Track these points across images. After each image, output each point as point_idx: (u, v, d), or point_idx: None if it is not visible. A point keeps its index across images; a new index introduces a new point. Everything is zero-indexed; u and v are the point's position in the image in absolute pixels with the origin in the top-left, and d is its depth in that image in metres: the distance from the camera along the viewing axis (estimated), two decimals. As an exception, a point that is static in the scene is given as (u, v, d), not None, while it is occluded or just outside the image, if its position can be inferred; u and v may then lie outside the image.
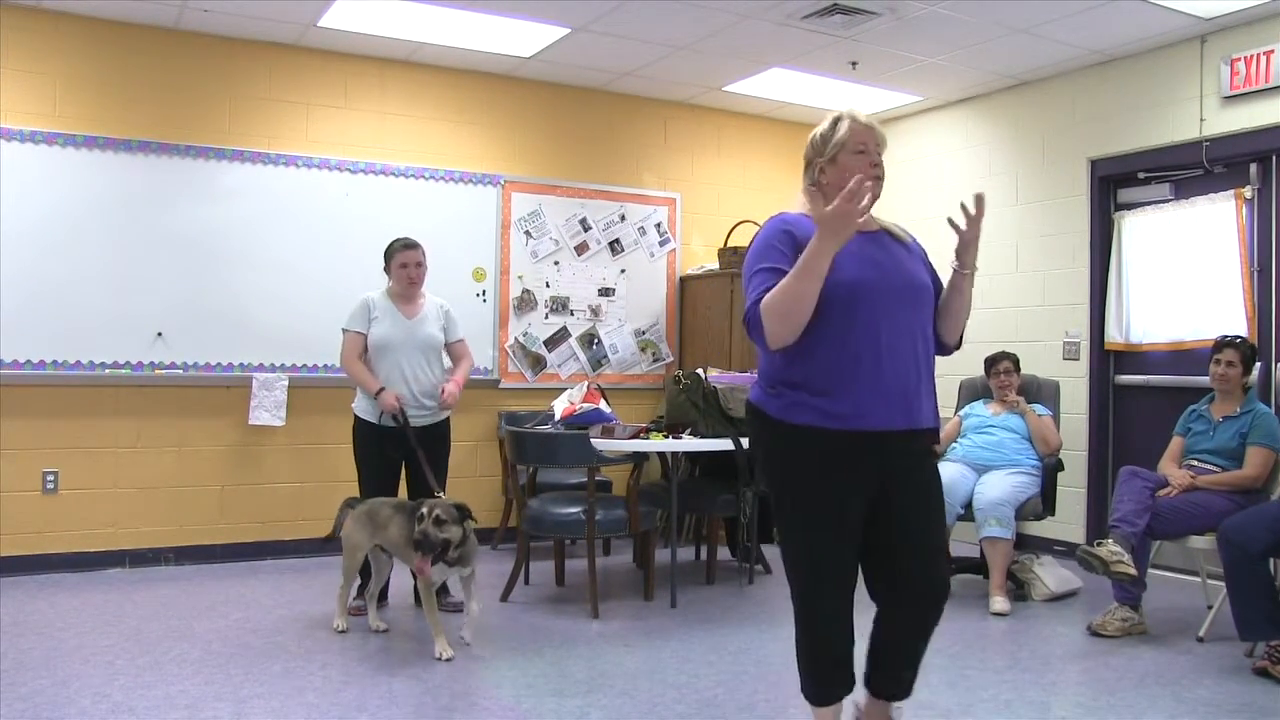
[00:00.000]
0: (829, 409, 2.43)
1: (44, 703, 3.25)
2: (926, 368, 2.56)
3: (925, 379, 2.55)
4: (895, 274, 2.55)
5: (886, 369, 2.44)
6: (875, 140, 2.60)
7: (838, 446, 2.44)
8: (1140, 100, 5.62)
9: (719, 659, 3.90)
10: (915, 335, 2.52)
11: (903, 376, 2.46)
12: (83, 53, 5.28)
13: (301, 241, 5.72)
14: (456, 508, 3.86)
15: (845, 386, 2.42)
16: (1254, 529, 3.83)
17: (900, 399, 2.45)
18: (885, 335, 2.45)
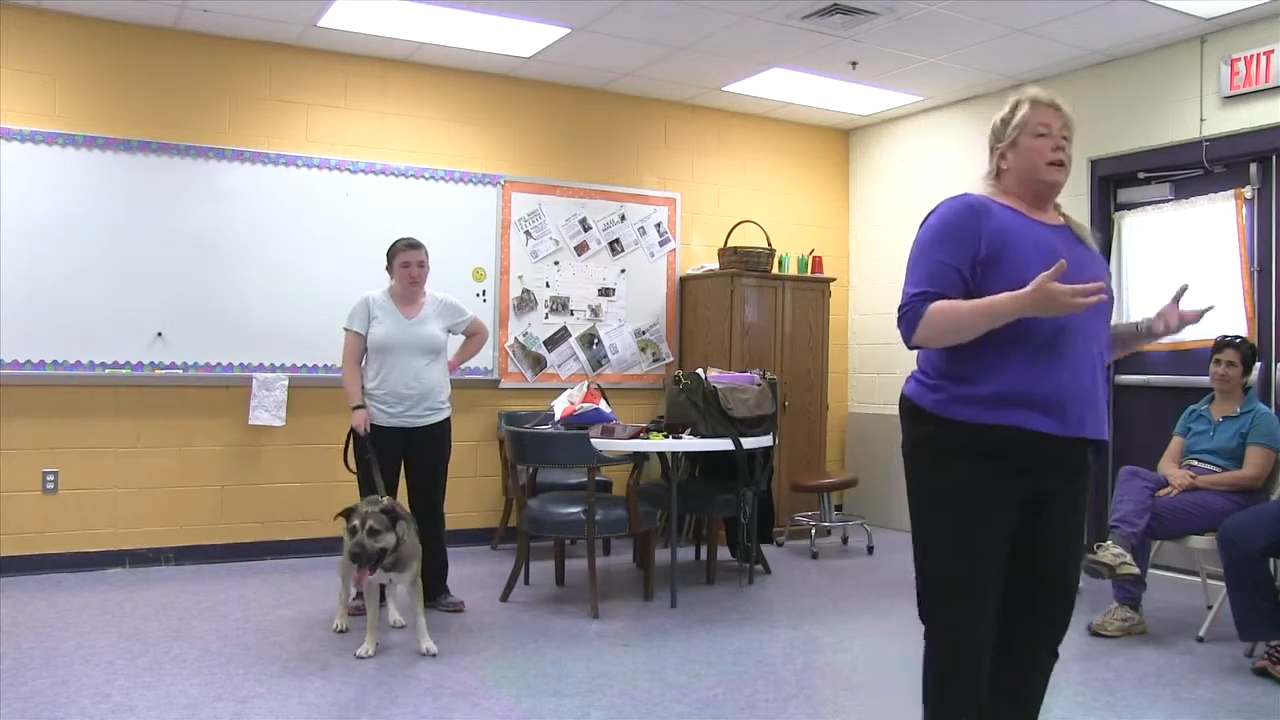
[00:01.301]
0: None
1: (44, 702, 3.25)
2: (1100, 380, 2.37)
3: (1100, 390, 2.36)
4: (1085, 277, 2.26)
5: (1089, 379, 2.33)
6: (1061, 121, 2.43)
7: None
8: (1140, 100, 5.62)
9: (719, 659, 3.90)
10: (1100, 346, 2.41)
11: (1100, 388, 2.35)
12: (83, 53, 5.28)
13: (301, 241, 5.72)
14: (385, 512, 3.79)
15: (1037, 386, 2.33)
16: (1254, 529, 3.83)
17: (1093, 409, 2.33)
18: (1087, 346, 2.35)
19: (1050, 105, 2.44)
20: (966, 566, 2.32)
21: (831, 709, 3.44)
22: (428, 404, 4.51)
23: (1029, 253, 2.30)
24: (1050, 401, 2.24)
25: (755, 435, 5.00)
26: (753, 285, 6.44)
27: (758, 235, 6.61)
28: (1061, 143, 2.43)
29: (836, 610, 4.76)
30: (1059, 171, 2.44)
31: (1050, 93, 2.47)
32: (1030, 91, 2.46)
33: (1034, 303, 2.16)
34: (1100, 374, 2.36)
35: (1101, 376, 2.37)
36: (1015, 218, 2.42)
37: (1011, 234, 2.36)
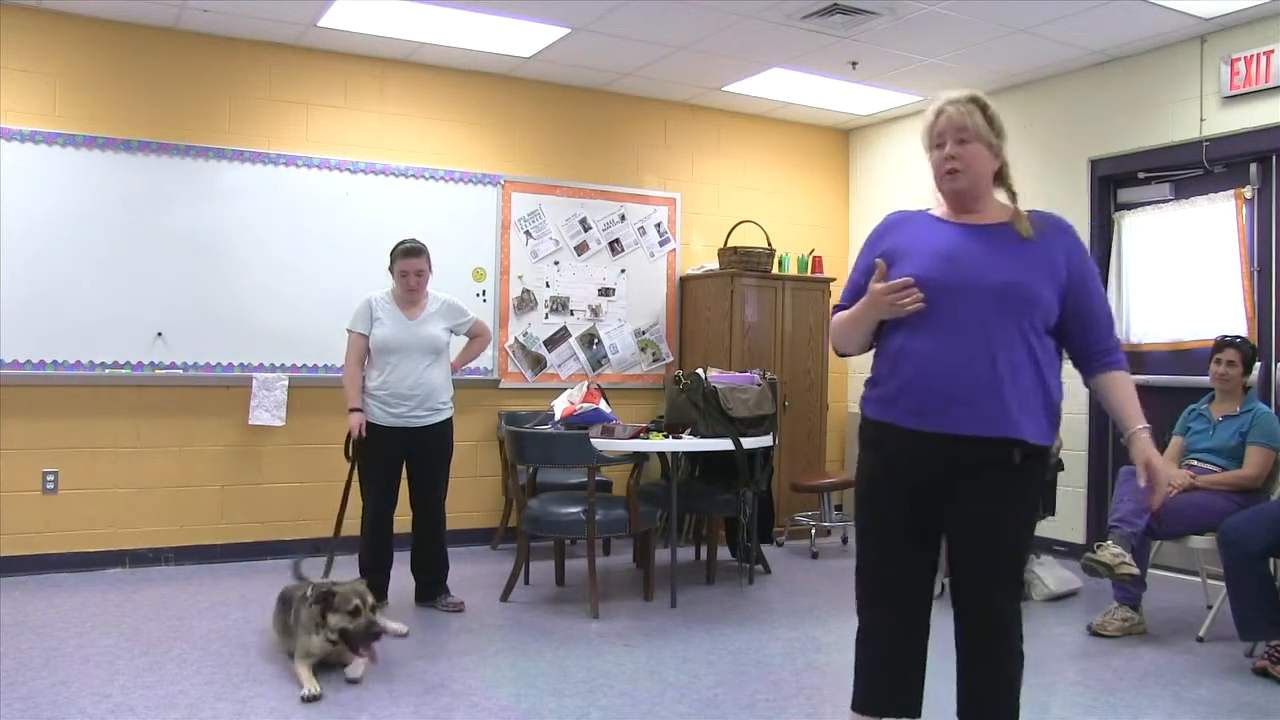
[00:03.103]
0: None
1: (44, 702, 3.25)
2: (1016, 378, 2.33)
3: (1015, 389, 2.32)
4: (990, 273, 2.32)
5: (961, 370, 2.32)
6: (950, 127, 2.42)
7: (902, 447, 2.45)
8: (1140, 100, 5.62)
9: (719, 659, 3.90)
10: (994, 338, 2.31)
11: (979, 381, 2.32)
12: (82, 53, 5.28)
13: (301, 241, 5.72)
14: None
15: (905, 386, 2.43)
16: (1254, 529, 3.83)
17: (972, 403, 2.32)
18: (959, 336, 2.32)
19: (941, 113, 2.46)
20: (869, 554, 2.59)
21: (831, 709, 3.44)
22: (429, 404, 4.51)
23: (921, 260, 2.37)
24: (916, 399, 2.36)
25: (755, 435, 5.00)
26: (753, 285, 6.44)
27: (758, 235, 6.61)
28: (955, 151, 2.41)
29: (836, 610, 4.76)
30: (952, 180, 2.42)
31: (951, 96, 2.47)
32: (944, 96, 2.49)
33: (872, 305, 2.38)
34: (1000, 368, 2.30)
35: (1001, 370, 2.30)
36: (931, 225, 2.47)
37: (913, 242, 2.44)
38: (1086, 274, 2.40)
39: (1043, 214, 2.46)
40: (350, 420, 4.46)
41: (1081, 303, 2.39)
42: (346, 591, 3.54)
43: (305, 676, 3.44)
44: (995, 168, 2.46)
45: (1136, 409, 2.44)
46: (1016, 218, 2.42)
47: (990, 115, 2.44)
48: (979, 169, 2.41)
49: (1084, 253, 2.44)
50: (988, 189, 2.46)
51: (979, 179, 2.42)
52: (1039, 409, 2.38)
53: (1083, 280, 2.39)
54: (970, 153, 2.40)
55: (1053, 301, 2.35)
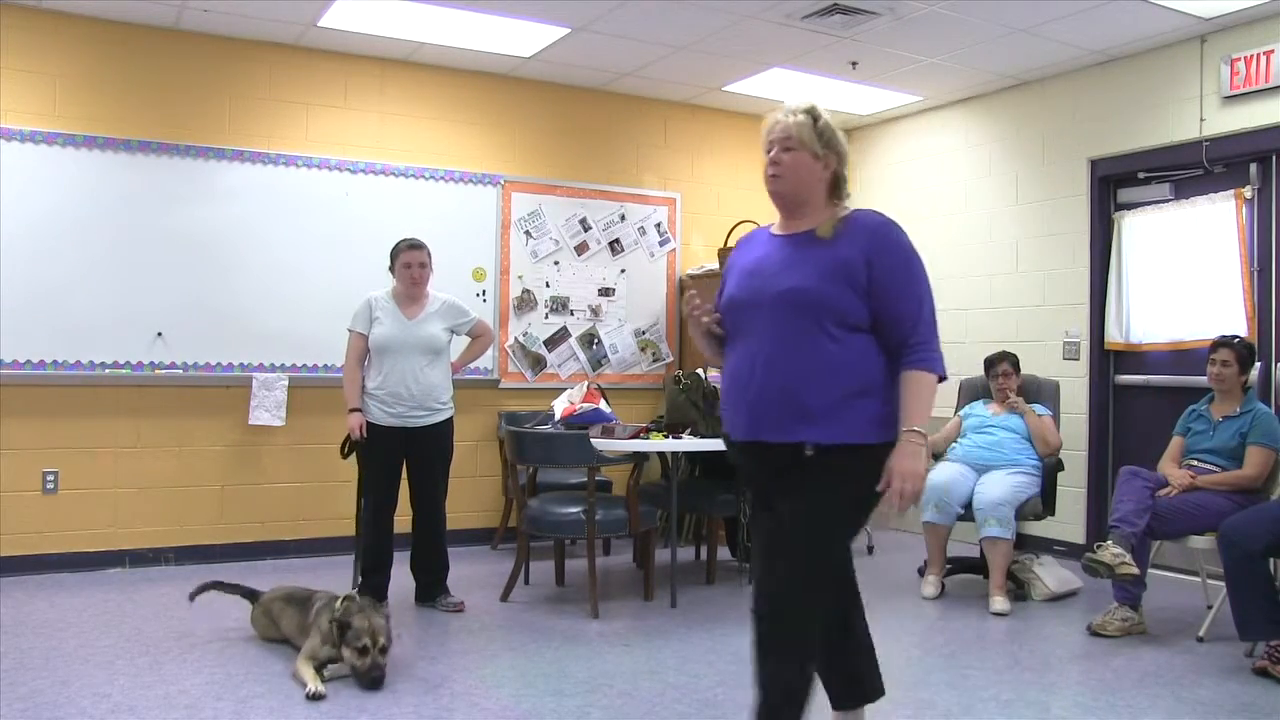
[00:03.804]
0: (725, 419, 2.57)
1: (44, 702, 3.25)
2: (796, 377, 2.35)
3: (796, 389, 2.35)
4: (776, 282, 2.42)
5: (757, 380, 2.40)
6: (777, 134, 2.50)
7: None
8: (1140, 100, 5.62)
9: (719, 659, 3.90)
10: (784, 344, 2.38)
11: (769, 387, 2.38)
12: (83, 53, 5.28)
13: (301, 241, 5.72)
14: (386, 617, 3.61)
15: (725, 399, 2.55)
16: (1254, 529, 3.83)
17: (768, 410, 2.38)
18: (756, 346, 2.42)
19: (767, 122, 2.54)
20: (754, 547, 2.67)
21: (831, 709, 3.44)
22: (428, 404, 4.51)
23: (733, 279, 2.57)
24: (728, 410, 2.51)
25: (755, 435, 4.99)
26: (753, 285, 6.42)
27: (758, 235, 6.61)
28: (777, 156, 2.49)
29: (836, 610, 4.75)
30: (771, 184, 2.52)
31: (790, 106, 2.52)
32: (782, 107, 2.54)
33: (690, 325, 2.61)
34: (790, 374, 2.35)
35: (792, 377, 2.35)
36: (759, 242, 2.60)
37: (738, 260, 2.60)
38: (890, 273, 2.38)
39: (860, 215, 2.48)
40: (350, 420, 4.46)
41: (882, 302, 2.37)
42: (361, 628, 3.49)
43: (309, 675, 3.44)
44: (825, 178, 2.50)
45: (915, 411, 2.35)
46: (825, 221, 2.46)
47: (821, 128, 2.48)
48: (801, 176, 2.47)
49: (891, 251, 2.41)
50: (813, 198, 2.50)
51: (800, 186, 2.48)
52: (844, 408, 2.35)
53: (885, 280, 2.37)
54: (792, 160, 2.47)
55: (850, 301, 2.36)
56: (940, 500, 4.95)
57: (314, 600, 3.81)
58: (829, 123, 2.51)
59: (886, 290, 2.37)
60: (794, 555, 2.40)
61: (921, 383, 2.37)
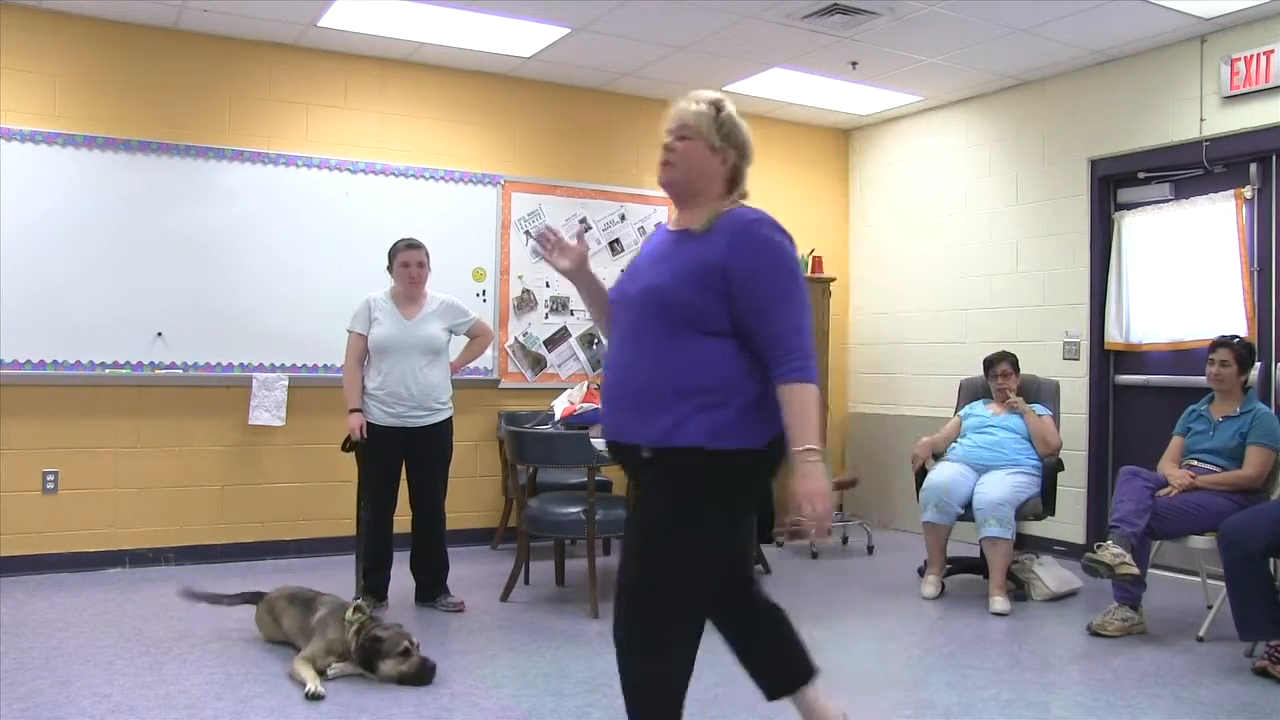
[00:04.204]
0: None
1: (44, 702, 3.25)
2: (646, 380, 2.28)
3: (645, 392, 2.27)
4: (640, 279, 2.37)
5: (615, 380, 2.35)
6: (675, 122, 2.44)
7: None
8: (1140, 100, 5.62)
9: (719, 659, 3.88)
10: (640, 343, 2.31)
11: (625, 387, 2.33)
12: (83, 53, 5.28)
13: (301, 241, 5.72)
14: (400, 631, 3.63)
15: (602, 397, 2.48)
16: (1254, 529, 3.83)
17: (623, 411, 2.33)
18: (620, 345, 2.36)
19: (675, 109, 2.46)
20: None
21: (831, 709, 3.43)
22: (428, 404, 4.51)
23: (621, 276, 2.52)
24: (602, 408, 2.43)
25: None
26: (753, 285, 6.42)
27: (758, 235, 6.60)
28: (669, 143, 2.42)
29: (836, 610, 4.76)
30: (662, 171, 2.43)
31: (695, 95, 2.48)
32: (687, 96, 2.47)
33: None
34: (643, 375, 2.28)
35: (645, 377, 2.28)
36: (656, 236, 2.52)
37: (635, 259, 2.54)
38: (749, 276, 2.24)
39: (735, 212, 2.36)
40: (350, 421, 4.46)
41: (740, 306, 2.24)
42: (391, 637, 3.53)
43: (309, 675, 3.44)
44: (721, 173, 2.43)
45: (802, 429, 2.19)
46: (703, 217, 2.36)
47: (722, 119, 2.43)
48: (693, 166, 2.39)
49: (753, 253, 2.27)
50: (706, 192, 2.41)
51: (692, 177, 2.40)
52: (684, 413, 2.22)
53: (742, 282, 2.23)
54: (685, 149, 2.39)
55: (705, 302, 2.24)
56: (940, 500, 4.95)
57: (318, 603, 3.80)
58: (733, 115, 2.45)
59: (744, 294, 2.23)
60: (635, 555, 2.33)
61: (799, 396, 2.20)
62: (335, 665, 3.57)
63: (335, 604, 3.76)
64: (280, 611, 3.92)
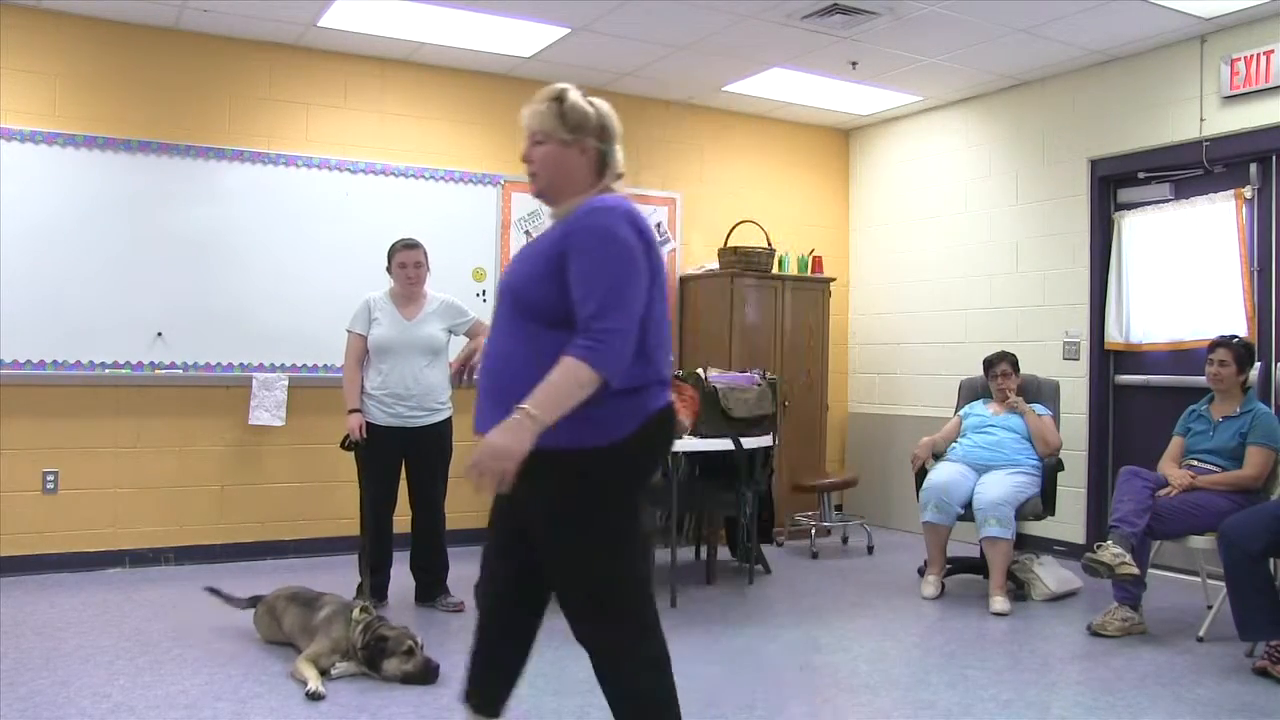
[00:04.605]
0: None
1: (44, 702, 3.25)
2: (503, 377, 2.27)
3: (503, 388, 2.23)
4: (508, 274, 2.38)
5: (482, 372, 2.34)
6: (526, 133, 2.44)
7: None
8: (1140, 100, 5.62)
9: (719, 659, 3.90)
10: (501, 338, 2.31)
11: (485, 380, 2.32)
12: (83, 53, 5.28)
13: (301, 241, 5.72)
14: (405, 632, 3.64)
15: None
16: (1254, 529, 3.83)
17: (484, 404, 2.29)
18: (491, 339, 2.35)
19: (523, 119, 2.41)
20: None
21: (831, 709, 3.44)
22: (427, 404, 4.51)
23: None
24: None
25: (755, 435, 5.00)
26: (753, 285, 6.44)
27: (758, 235, 6.61)
28: (527, 154, 2.43)
29: (837, 610, 4.76)
30: (531, 183, 2.44)
31: (538, 96, 2.46)
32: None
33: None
34: (501, 372, 2.27)
35: (503, 374, 2.26)
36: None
37: None
38: (576, 258, 2.19)
39: (588, 202, 2.31)
40: (349, 421, 4.46)
41: (572, 289, 2.20)
42: (396, 636, 3.55)
43: (312, 675, 3.44)
44: (585, 163, 2.38)
45: (539, 392, 2.07)
46: (567, 209, 2.33)
47: (565, 110, 2.37)
48: (554, 168, 2.38)
49: (583, 235, 2.22)
50: (572, 186, 2.38)
51: (557, 179, 2.38)
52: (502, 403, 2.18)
53: (572, 266, 2.19)
54: (542, 154, 2.39)
55: (552, 294, 2.21)
56: (940, 500, 4.95)
57: (321, 603, 3.80)
58: (578, 103, 2.38)
59: (572, 275, 2.18)
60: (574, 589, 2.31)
61: (564, 368, 2.09)
62: (339, 664, 3.58)
63: (339, 603, 3.77)
64: (281, 611, 3.91)
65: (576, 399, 2.09)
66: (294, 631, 3.81)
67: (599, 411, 2.14)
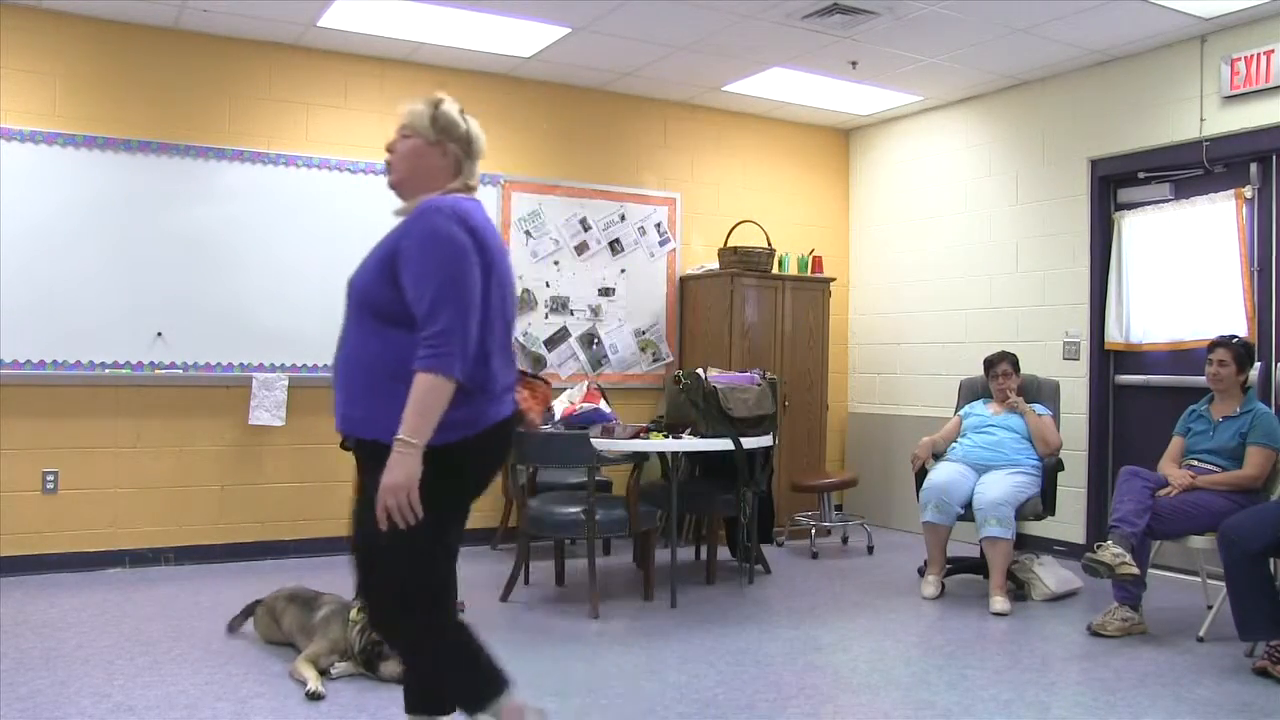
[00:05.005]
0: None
1: (44, 702, 3.25)
2: (345, 372, 2.39)
3: (345, 384, 2.37)
4: (357, 269, 2.46)
5: (334, 366, 2.45)
6: (398, 126, 2.51)
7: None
8: (1140, 100, 5.62)
9: (719, 659, 3.90)
10: (347, 333, 2.43)
11: (336, 375, 2.42)
12: (83, 53, 5.28)
13: (301, 241, 5.72)
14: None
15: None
16: (1254, 529, 3.83)
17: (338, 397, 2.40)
18: (341, 333, 2.46)
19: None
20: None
21: (832, 709, 3.44)
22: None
23: None
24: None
25: (755, 435, 5.00)
26: (753, 285, 6.44)
27: (758, 235, 6.61)
28: (393, 145, 2.50)
29: (837, 610, 4.76)
30: (387, 172, 2.52)
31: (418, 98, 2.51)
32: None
33: None
34: (346, 368, 2.40)
35: (348, 366, 2.39)
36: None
37: None
38: (406, 260, 2.27)
39: (426, 200, 2.37)
40: None
41: (406, 293, 2.29)
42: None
43: (312, 675, 3.45)
44: (444, 166, 2.47)
45: (407, 417, 2.19)
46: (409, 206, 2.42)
47: (439, 114, 2.47)
48: (412, 162, 2.46)
49: (412, 236, 2.30)
50: (428, 184, 2.45)
51: (413, 172, 2.46)
52: (371, 403, 2.30)
53: (403, 267, 2.28)
54: (405, 146, 2.47)
55: (386, 291, 2.30)
56: (940, 500, 4.95)
57: (320, 602, 3.80)
58: (449, 113, 2.49)
59: (403, 278, 2.27)
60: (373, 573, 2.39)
61: (419, 385, 2.19)
62: (338, 665, 3.58)
63: (338, 603, 3.77)
64: (280, 611, 3.91)
65: (440, 406, 2.20)
66: (293, 631, 3.82)
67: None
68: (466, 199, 2.43)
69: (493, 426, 2.37)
